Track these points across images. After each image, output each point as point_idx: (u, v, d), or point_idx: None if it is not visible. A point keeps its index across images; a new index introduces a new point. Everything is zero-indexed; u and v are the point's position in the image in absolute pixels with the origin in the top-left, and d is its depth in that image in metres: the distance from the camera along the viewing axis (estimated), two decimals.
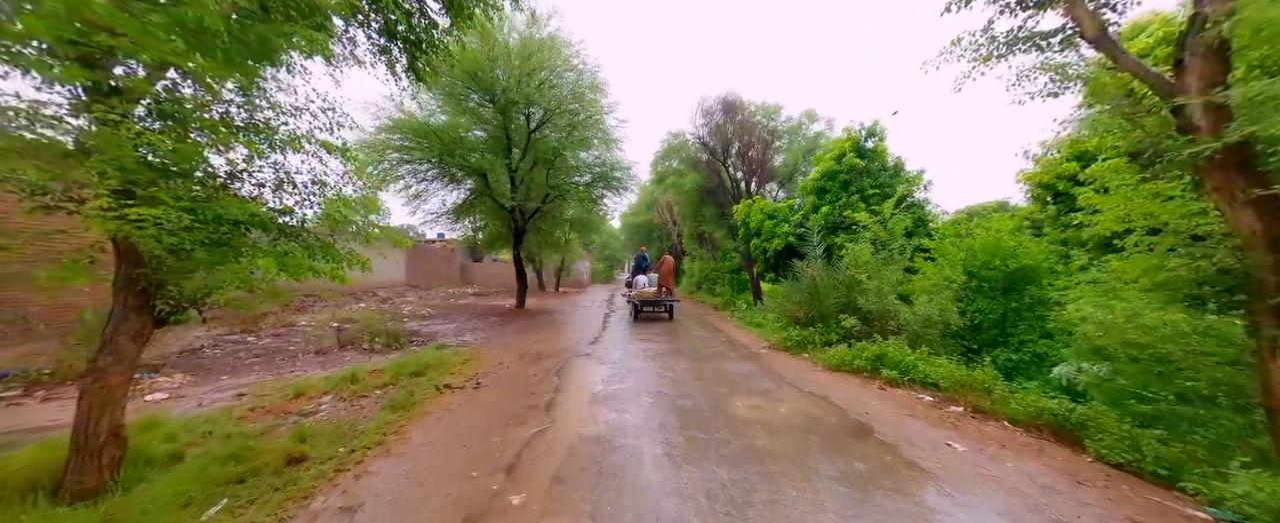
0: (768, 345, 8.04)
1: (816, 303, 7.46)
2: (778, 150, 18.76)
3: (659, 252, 24.74)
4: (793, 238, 11.36)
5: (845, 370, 5.84)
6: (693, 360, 6.77)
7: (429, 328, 10.73)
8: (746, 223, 13.20)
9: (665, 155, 19.74)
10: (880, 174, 11.05)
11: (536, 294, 21.79)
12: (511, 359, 7.01)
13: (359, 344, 8.89)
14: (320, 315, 12.63)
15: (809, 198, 11.57)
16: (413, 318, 12.42)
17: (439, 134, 10.02)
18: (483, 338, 9.38)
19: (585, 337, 9.19)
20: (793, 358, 6.94)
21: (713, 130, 18.15)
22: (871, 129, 11.18)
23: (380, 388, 5.53)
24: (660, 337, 9.16)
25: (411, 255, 20.07)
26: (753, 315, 11.22)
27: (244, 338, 9.27)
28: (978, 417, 4.17)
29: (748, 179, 18.07)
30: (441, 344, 8.78)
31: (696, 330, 10.16)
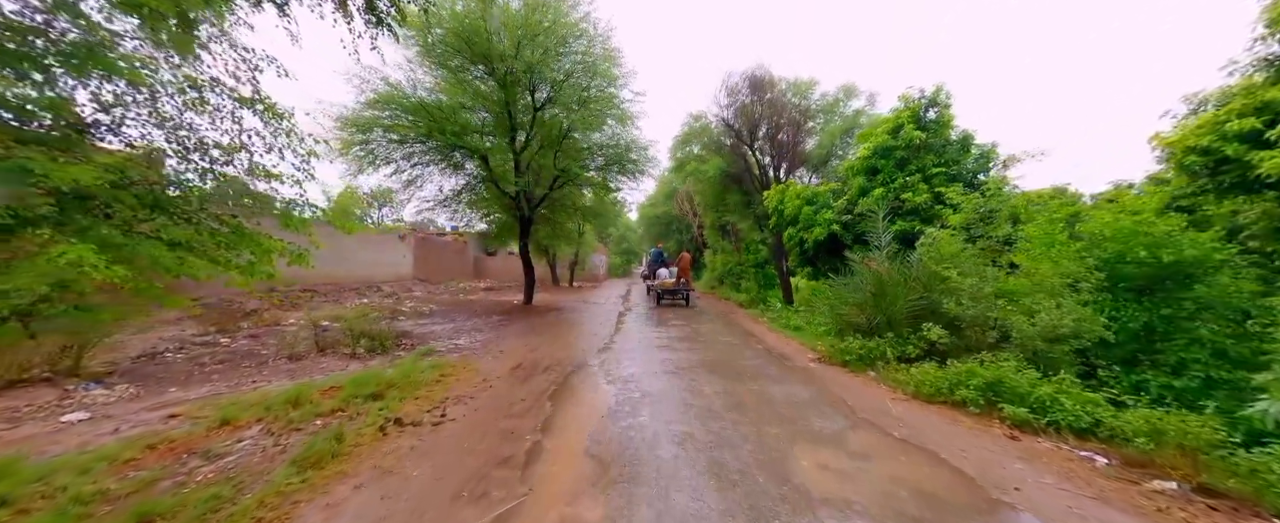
0: (816, 357, 6.44)
1: (883, 305, 5.82)
2: (810, 132, 16.88)
3: (678, 246, 26.25)
4: (837, 227, 9.64)
5: (942, 402, 4.22)
6: (726, 378, 5.25)
7: (424, 328, 9.48)
8: (779, 210, 11.50)
9: (685, 140, 18.07)
10: (945, 150, 9.20)
11: (549, 289, 20.53)
12: (501, 373, 5.62)
13: (340, 348, 7.68)
14: (319, 311, 11.59)
15: (856, 179, 9.81)
16: (411, 316, 11.24)
17: (428, 109, 8.68)
18: (478, 342, 8.06)
19: (595, 341, 7.76)
20: (855, 377, 5.33)
21: (738, 111, 16.39)
22: (933, 97, 9.32)
23: (323, 417, 4.21)
24: (682, 342, 7.65)
25: (419, 248, 19.04)
26: (789, 316, 9.58)
27: (216, 340, 8.17)
28: (1214, 506, 2.54)
29: (776, 164, 16.29)
30: (429, 349, 7.50)
31: (724, 334, 8.60)
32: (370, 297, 14.62)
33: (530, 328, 9.39)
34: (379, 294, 15.20)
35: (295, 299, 12.12)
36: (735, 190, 17.58)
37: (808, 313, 9.75)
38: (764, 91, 15.89)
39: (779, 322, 9.47)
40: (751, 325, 9.84)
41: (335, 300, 13.27)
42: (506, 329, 9.25)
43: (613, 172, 11.62)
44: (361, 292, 14.80)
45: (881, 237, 6.70)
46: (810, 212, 10.27)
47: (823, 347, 6.98)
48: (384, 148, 9.17)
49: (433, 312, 11.98)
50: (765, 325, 9.69)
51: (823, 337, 7.84)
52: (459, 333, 8.94)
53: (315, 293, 12.88)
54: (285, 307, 11.62)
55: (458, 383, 5.16)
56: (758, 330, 9.07)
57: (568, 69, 9.96)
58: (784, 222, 11.57)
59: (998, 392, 3.93)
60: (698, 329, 9.17)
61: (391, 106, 8.64)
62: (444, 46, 8.63)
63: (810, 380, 5.21)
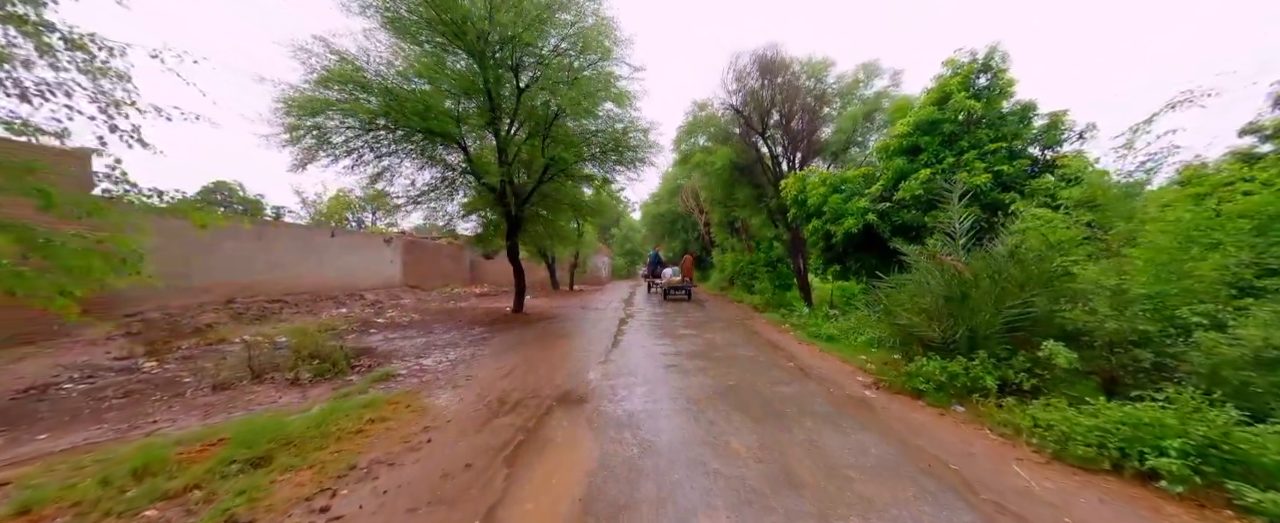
0: (871, 382, 4.90)
1: (964, 313, 4.29)
2: (826, 119, 15.36)
3: (683, 245, 26.98)
4: (872, 217, 8.10)
5: (1107, 472, 2.69)
6: (761, 420, 3.75)
7: (393, 344, 8.06)
8: (799, 201, 9.97)
9: (690, 131, 16.59)
10: (1002, 122, 7.64)
11: (547, 294, 19.10)
12: (454, 415, 4.16)
13: (282, 373, 6.28)
14: (286, 324, 10.23)
15: (893, 161, 8.27)
16: (386, 328, 9.83)
17: (391, 89, 7.28)
18: (447, 362, 6.61)
19: (587, 358, 6.28)
20: (938, 416, 3.81)
21: (747, 96, 14.91)
22: (986, 60, 7.77)
23: (166, 501, 2.79)
24: (694, 359, 6.15)
25: (408, 252, 17.69)
26: (819, 324, 8.04)
27: (138, 365, 6.78)
28: None
29: (790, 154, 14.78)
30: (386, 373, 6.08)
31: (743, 346, 7.08)
32: (350, 306, 13.26)
33: (514, 342, 7.93)
34: (361, 303, 13.84)
35: (260, 311, 10.77)
36: (745, 184, 16.07)
37: (841, 319, 8.19)
38: (775, 74, 14.40)
39: (807, 330, 7.93)
40: (774, 334, 8.31)
41: (310, 311, 11.92)
42: (486, 344, 7.80)
43: (609, 161, 10.15)
44: (341, 300, 13.44)
45: (956, 222, 5.15)
46: (838, 201, 8.73)
47: (873, 365, 5.45)
48: (342, 135, 7.78)
49: (412, 322, 10.58)
50: (790, 335, 8.15)
51: (866, 350, 6.31)
52: (429, 350, 7.51)
53: (285, 304, 11.53)
54: (246, 320, 10.28)
55: (388, 432, 3.70)
56: (783, 342, 7.54)
57: (555, 44, 8.53)
58: (805, 213, 10.04)
59: (1229, 469, 2.38)
60: (712, 340, 7.66)
61: (347, 85, 7.25)
62: (412, 14, 7.21)
63: (878, 423, 3.69)
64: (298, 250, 12.37)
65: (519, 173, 10.81)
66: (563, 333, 8.74)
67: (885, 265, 8.66)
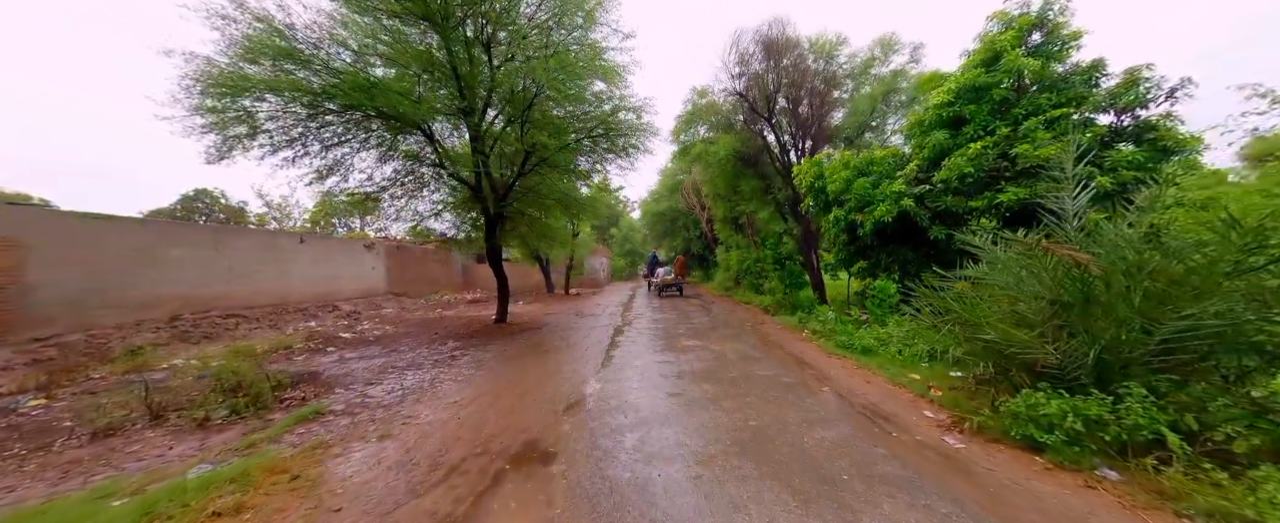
0: (945, 419, 3.55)
1: (1090, 323, 2.93)
2: (837, 103, 14.00)
3: (685, 244, 26.88)
4: (908, 202, 6.74)
5: None
6: (810, 501, 2.43)
7: (344, 367, 6.77)
8: (817, 189, 8.62)
9: (689, 120, 15.25)
10: (1066, 85, 6.27)
11: (542, 298, 17.80)
12: (354, 493, 2.84)
13: (192, 410, 5.01)
14: (247, 341, 8.96)
15: (931, 136, 6.91)
16: (350, 345, 8.55)
17: (331, 66, 5.99)
18: (397, 393, 5.30)
19: (569, 386, 4.94)
20: (1087, 489, 2.46)
21: (751, 80, 13.58)
22: (1041, 13, 6.40)
23: None
24: (702, 382, 4.81)
25: (393, 259, 16.43)
26: (848, 331, 6.67)
27: (17, 403, 5.50)
28: None
29: (800, 141, 13.44)
30: (316, 410, 4.81)
31: (761, 361, 5.73)
32: (323, 318, 11.99)
33: (487, 361, 6.62)
34: (335, 314, 12.57)
35: (211, 329, 9.50)
36: (750, 175, 14.73)
37: (872, 324, 6.82)
38: (781, 55, 13.04)
39: (835, 339, 6.57)
40: (793, 343, 6.95)
41: (273, 326, 10.66)
42: (454, 364, 6.49)
43: (600, 150, 8.81)
44: (313, 312, 12.18)
45: (1069, 200, 3.74)
46: (865, 186, 7.37)
47: (937, 390, 4.10)
48: (280, 121, 6.49)
49: (381, 337, 9.29)
50: (814, 345, 6.80)
51: (913, 365, 4.96)
52: (385, 374, 6.21)
53: (243, 319, 10.26)
54: (193, 340, 9.02)
55: None
56: (807, 354, 6.19)
57: (530, 12, 7.22)
58: (823, 203, 8.69)
59: None
60: (721, 354, 6.31)
61: (279, 59, 5.96)
62: None
63: (988, 500, 2.35)
64: (261, 258, 11.11)
65: (500, 167, 9.51)
66: (547, 347, 7.41)
67: (923, 260, 7.32)
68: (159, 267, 8.91)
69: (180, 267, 9.31)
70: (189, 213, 22.86)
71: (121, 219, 8.48)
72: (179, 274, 9.27)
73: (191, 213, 22.99)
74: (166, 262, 9.05)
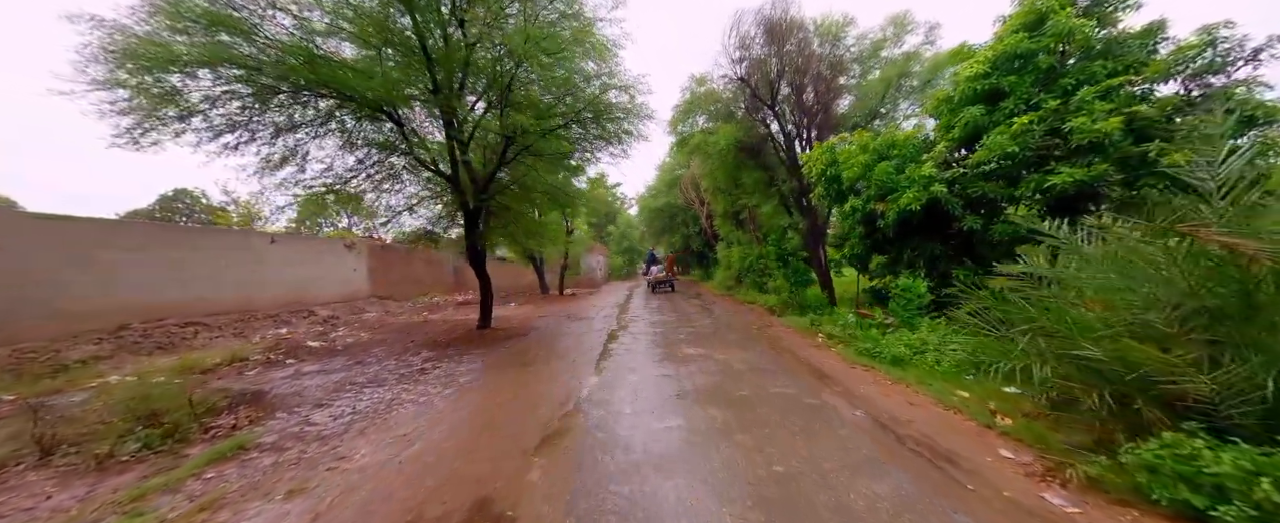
0: (1035, 464, 2.68)
1: (1250, 338, 2.06)
2: (843, 90, 13.12)
3: (684, 241, 26.05)
4: (939, 189, 5.86)
5: None
6: None
7: (297, 384, 5.89)
8: (830, 177, 7.74)
9: (687, 110, 14.35)
10: (1122, 48, 5.39)
11: (535, 299, 16.91)
12: None
13: (94, 443, 4.16)
14: (202, 351, 8.07)
15: (964, 113, 6.02)
16: (313, 356, 7.66)
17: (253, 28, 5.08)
18: (344, 421, 4.42)
19: (546, 413, 4.06)
20: None
21: (752, 66, 12.69)
22: None
23: None
24: (709, 407, 3.93)
25: (377, 259, 15.52)
26: (873, 338, 5.78)
27: None
28: None
29: (806, 130, 12.55)
30: (239, 443, 3.94)
31: (775, 375, 4.85)
32: (295, 324, 11.09)
33: (459, 376, 5.73)
34: (310, 320, 11.67)
35: (165, 338, 8.59)
36: (752, 167, 13.83)
37: (896, 328, 5.94)
38: (784, 39, 12.13)
39: (857, 346, 5.69)
40: (809, 351, 6.07)
41: (238, 334, 9.75)
42: (420, 381, 5.61)
43: (590, 137, 7.90)
44: (285, 318, 11.27)
45: (1209, 173, 2.81)
46: (887, 172, 6.49)
47: (1006, 416, 3.23)
48: (219, 101, 5.57)
49: (352, 346, 8.40)
50: (832, 352, 5.92)
51: (955, 378, 4.10)
52: (340, 392, 5.33)
53: (203, 327, 9.34)
54: (143, 351, 8.11)
55: None
56: (827, 365, 5.31)
57: None
58: (836, 192, 7.82)
59: None
60: (727, 364, 5.43)
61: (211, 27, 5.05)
62: None
63: None
64: (225, 260, 10.19)
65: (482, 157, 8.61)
66: (529, 357, 6.53)
67: (953, 254, 6.46)
68: (103, 271, 7.99)
69: (128, 270, 8.39)
70: (169, 214, 21.89)
71: (54, 218, 7.56)
72: (126, 279, 8.35)
73: (171, 214, 22.02)
74: (112, 265, 8.14)
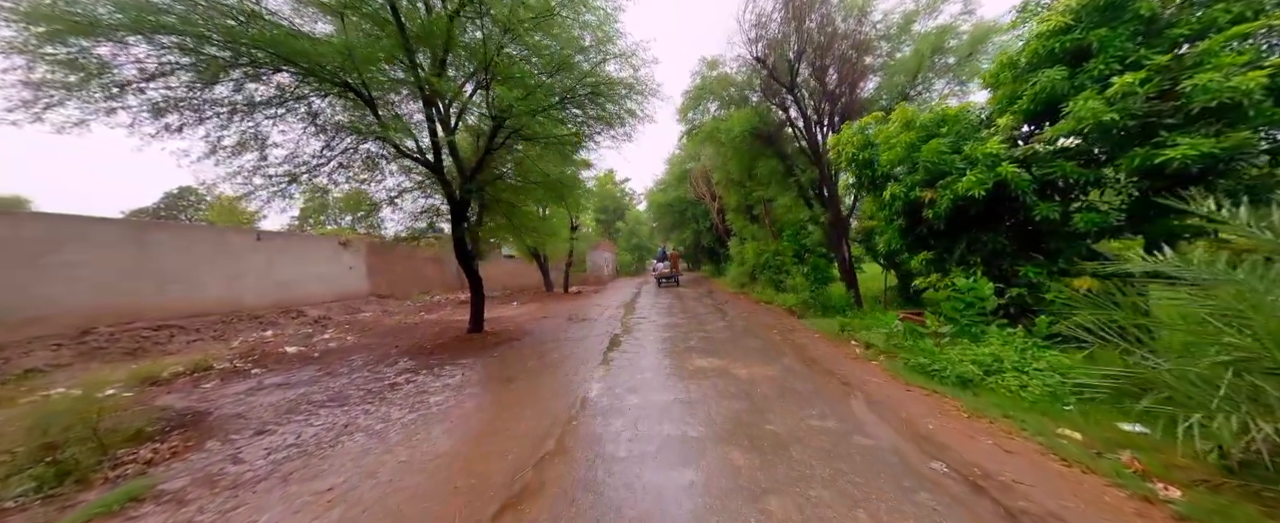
0: None
1: None
2: (869, 71, 11.93)
3: (694, 236, 25.55)
4: (1009, 169, 4.75)
5: None
6: None
7: (249, 401, 5.08)
8: (863, 161, 6.68)
9: (698, 96, 13.30)
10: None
11: (539, 297, 16.08)
12: None
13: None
14: (177, 357, 7.38)
15: (1034, 80, 4.89)
16: (284, 365, 6.88)
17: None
18: (280, 455, 3.57)
19: (521, 455, 3.14)
20: None
21: (770, 46, 11.60)
22: None
23: None
24: (727, 446, 2.98)
25: (375, 257, 14.82)
26: (928, 351, 4.73)
27: None
28: None
29: (827, 115, 11.43)
30: (129, 494, 3.09)
31: (813, 405, 3.85)
32: (284, 326, 10.40)
33: (432, 394, 4.85)
34: (298, 321, 10.98)
35: (133, 344, 7.91)
36: (768, 155, 12.74)
37: (950, 336, 4.86)
38: (804, 15, 11.03)
39: (907, 360, 4.66)
40: (847, 365, 5.05)
41: (218, 337, 9.07)
42: (386, 401, 4.74)
43: (588, 116, 6.94)
44: (272, 320, 10.58)
45: None
46: (939, 151, 5.39)
47: (1174, 486, 2.20)
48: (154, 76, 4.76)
49: (330, 352, 7.62)
50: (876, 367, 4.89)
51: (1051, 408, 3.06)
52: (292, 414, 4.50)
53: (179, 330, 8.66)
54: (109, 358, 7.43)
55: None
56: (873, 384, 4.29)
57: None
58: (872, 178, 6.75)
59: None
60: (751, 382, 4.46)
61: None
62: None
63: None
64: (203, 259, 9.51)
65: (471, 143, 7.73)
66: (517, 370, 5.63)
67: (1019, 249, 5.36)
68: (63, 271, 7.32)
69: (94, 270, 7.72)
70: (175, 213, 21.60)
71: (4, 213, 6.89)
72: (91, 279, 7.68)
73: (178, 212, 21.73)
74: (75, 264, 7.46)
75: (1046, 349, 3.97)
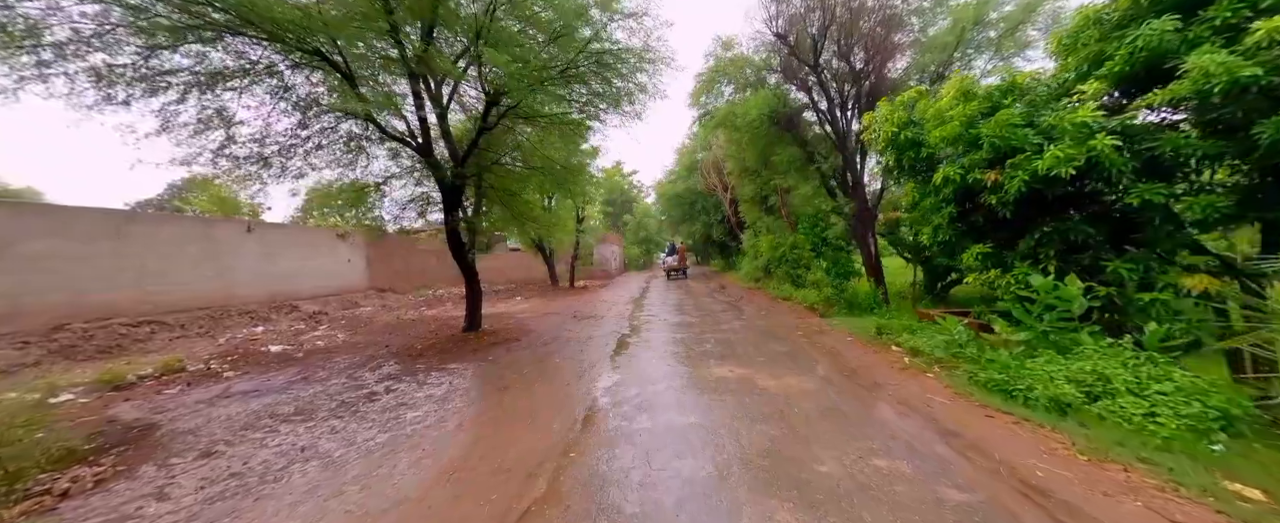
0: None
1: None
2: (897, 50, 10.92)
3: (704, 229, 24.48)
4: (1105, 140, 3.85)
5: None
6: None
7: (206, 412, 4.45)
8: (905, 141, 5.80)
9: (712, 79, 12.40)
10: None
11: (544, 292, 15.40)
12: None
13: None
14: (160, 356, 6.82)
15: (1130, 37, 3.96)
16: (264, 366, 6.27)
17: None
18: (217, 488, 2.89)
19: (498, 506, 2.44)
20: None
21: (791, 22, 10.67)
22: None
23: None
24: (772, 504, 2.24)
25: (376, 250, 14.24)
26: (1006, 364, 3.90)
27: None
28: None
29: (855, 97, 10.49)
30: None
31: (865, 433, 3.06)
32: (274, 322, 9.84)
33: (409, 408, 4.16)
34: (292, 316, 10.42)
35: (110, 342, 7.35)
36: (787, 141, 11.80)
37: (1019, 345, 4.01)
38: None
39: (974, 374, 3.84)
40: (897, 380, 4.25)
41: (204, 333, 8.51)
42: (357, 416, 4.05)
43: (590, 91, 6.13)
44: (264, 315, 10.03)
45: None
46: (1011, 122, 4.49)
47: None
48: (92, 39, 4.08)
49: (315, 351, 7.00)
50: (933, 382, 4.08)
51: (1198, 447, 2.22)
52: (250, 430, 3.84)
53: (160, 326, 8.10)
54: (81, 357, 6.89)
55: None
56: (940, 406, 3.49)
57: None
58: (913, 162, 5.88)
59: None
60: (785, 399, 3.69)
61: None
62: None
63: None
64: (191, 251, 8.95)
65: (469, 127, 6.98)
66: (511, 379, 4.91)
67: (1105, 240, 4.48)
68: (33, 263, 6.77)
69: (68, 263, 7.16)
70: (182, 205, 21.27)
71: None
72: (62, 273, 7.12)
73: (185, 204, 21.39)
74: (46, 257, 6.91)
75: (1169, 365, 3.12)
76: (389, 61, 5.39)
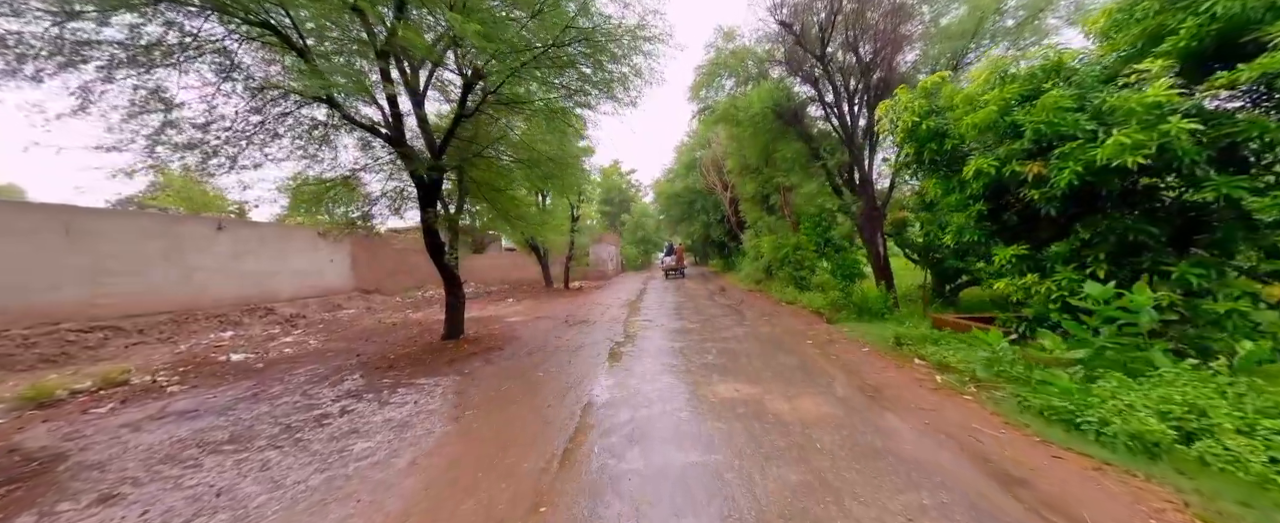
0: None
1: None
2: (906, 41, 10.35)
3: (703, 229, 24.08)
4: (1180, 124, 3.25)
5: None
6: None
7: (125, 440, 3.81)
8: (928, 132, 5.21)
9: (712, 72, 11.79)
10: None
11: (534, 293, 14.76)
12: None
13: None
14: (110, 364, 6.17)
15: (1200, 11, 3.36)
16: (214, 377, 5.62)
17: None
18: None
19: None
20: None
21: (796, 10, 10.09)
22: None
23: None
24: None
25: (361, 249, 13.58)
26: (1071, 393, 3.29)
27: None
28: None
29: (862, 90, 9.92)
30: None
31: (916, 489, 2.45)
32: (247, 326, 9.18)
33: (362, 437, 3.53)
34: (266, 320, 9.76)
35: (55, 350, 6.68)
36: (791, 137, 11.20)
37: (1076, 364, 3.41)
38: None
39: (1027, 399, 3.24)
40: (931, 403, 3.65)
41: (165, 339, 7.86)
42: (299, 445, 3.42)
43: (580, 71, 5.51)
44: (234, 319, 9.36)
45: None
46: (1058, 105, 3.88)
47: None
48: None
49: (278, 361, 6.36)
50: (972, 404, 3.48)
51: None
52: (168, 463, 3.22)
53: (115, 332, 7.42)
54: (21, 366, 6.22)
55: None
56: (990, 442, 2.89)
57: None
58: (937, 155, 5.28)
59: None
60: (801, 428, 3.10)
61: None
62: None
63: None
64: (152, 250, 8.29)
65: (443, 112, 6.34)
66: (484, 398, 4.29)
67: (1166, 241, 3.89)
68: None
69: (7, 263, 6.51)
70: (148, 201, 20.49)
71: None
72: (6, 273, 6.46)
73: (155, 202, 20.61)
74: None
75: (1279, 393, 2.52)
76: (353, 40, 4.76)
